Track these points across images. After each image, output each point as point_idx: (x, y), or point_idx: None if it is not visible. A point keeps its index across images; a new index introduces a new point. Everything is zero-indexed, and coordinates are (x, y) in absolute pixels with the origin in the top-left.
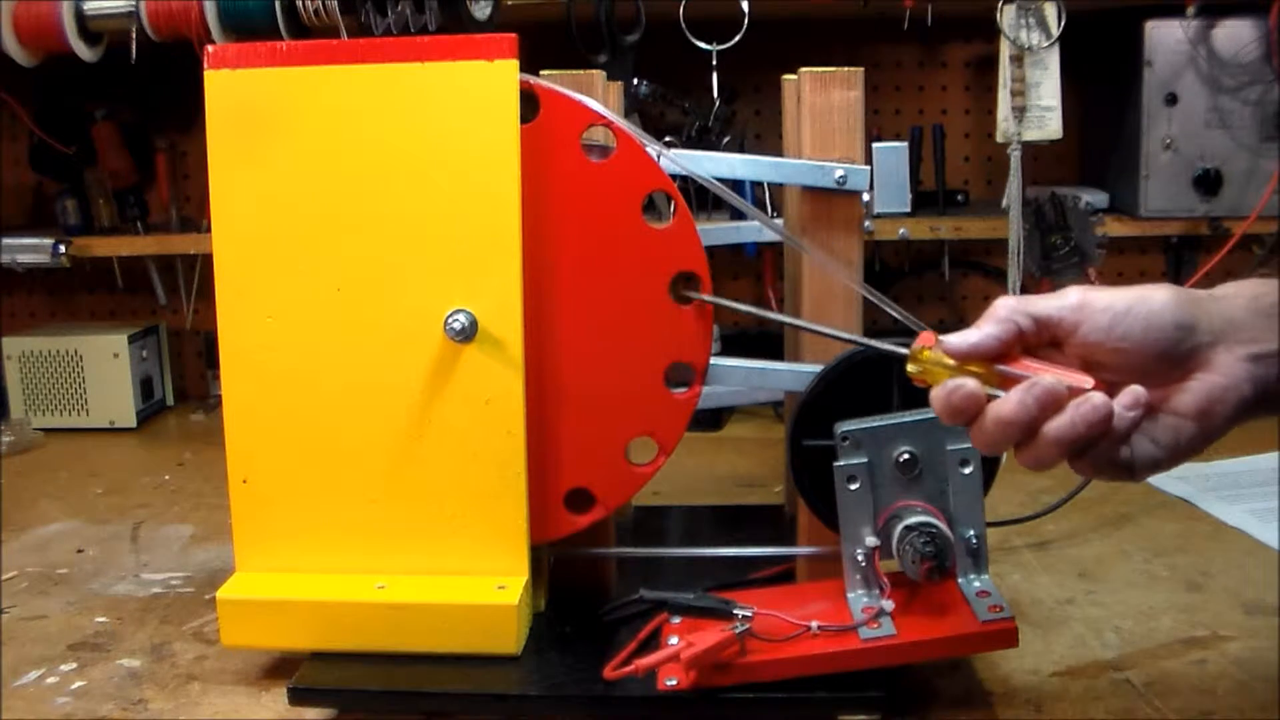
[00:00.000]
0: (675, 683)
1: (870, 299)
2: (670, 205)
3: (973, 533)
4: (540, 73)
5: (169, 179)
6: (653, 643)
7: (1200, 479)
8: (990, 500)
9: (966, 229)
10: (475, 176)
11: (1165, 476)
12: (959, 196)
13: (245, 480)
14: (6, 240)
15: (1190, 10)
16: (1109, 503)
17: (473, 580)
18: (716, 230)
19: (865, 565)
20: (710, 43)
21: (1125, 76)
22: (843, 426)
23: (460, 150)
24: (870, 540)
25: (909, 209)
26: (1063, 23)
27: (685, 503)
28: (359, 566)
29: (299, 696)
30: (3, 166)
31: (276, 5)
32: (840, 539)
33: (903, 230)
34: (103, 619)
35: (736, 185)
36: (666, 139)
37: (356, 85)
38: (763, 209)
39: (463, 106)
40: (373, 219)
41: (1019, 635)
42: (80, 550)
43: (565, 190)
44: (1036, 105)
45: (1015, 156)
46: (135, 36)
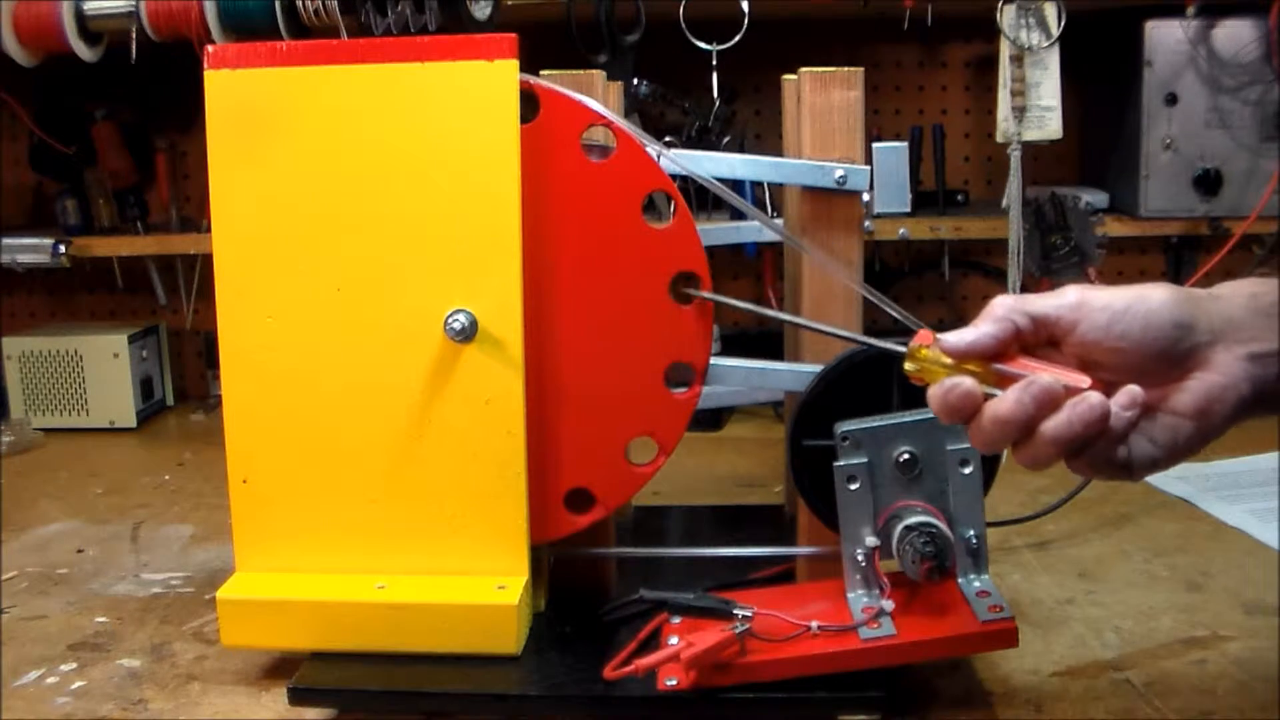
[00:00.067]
0: (675, 683)
1: (870, 299)
2: (670, 205)
3: (973, 533)
4: (540, 73)
5: (169, 179)
6: (653, 643)
7: (1200, 479)
8: (990, 500)
9: (966, 229)
10: (475, 177)
11: (1165, 476)
12: (959, 196)
13: (245, 480)
14: (6, 240)
15: (1190, 10)
16: (1109, 503)
17: (473, 580)
18: (716, 230)
19: (865, 565)
20: (710, 43)
21: (1125, 76)
22: (843, 426)
23: (460, 150)
24: (870, 540)
25: (909, 209)
26: (1063, 23)
27: (685, 503)
28: (359, 566)
29: (299, 696)
30: (3, 166)
31: (276, 5)
32: (840, 539)
33: (903, 230)
34: (103, 619)
35: (736, 185)
36: (666, 139)
37: (356, 85)
38: (763, 209)
39: (463, 107)
40: (373, 219)
41: (1019, 635)
42: (80, 550)
43: (565, 190)
44: (1036, 105)
45: (1015, 156)
46: (135, 36)
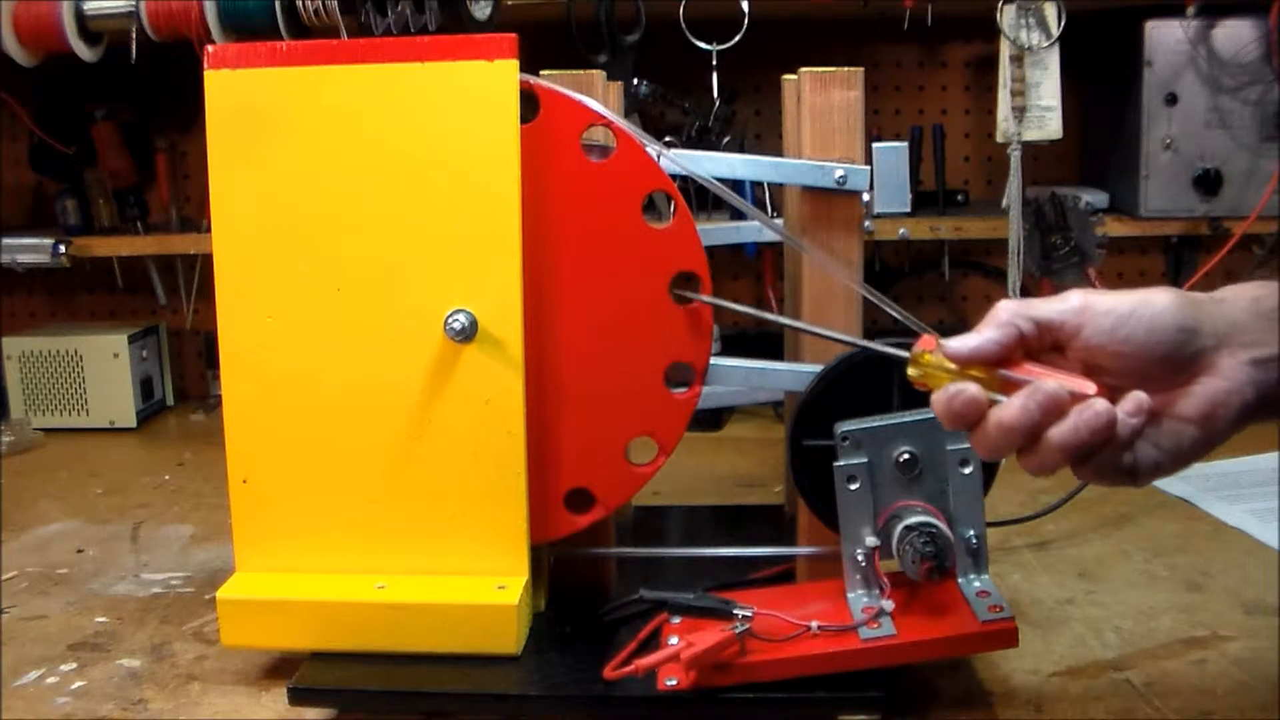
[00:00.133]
0: (675, 683)
1: (870, 299)
2: (670, 205)
3: (973, 533)
4: (540, 73)
5: (169, 179)
6: (653, 643)
7: (1200, 479)
8: (990, 500)
9: (966, 229)
10: (475, 177)
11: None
12: (959, 196)
13: (245, 480)
14: (6, 240)
15: (1190, 10)
16: (1109, 503)
17: (473, 580)
18: (716, 230)
19: (865, 565)
20: (710, 43)
21: (1125, 76)
22: (843, 426)
23: (460, 150)
24: (870, 540)
25: (909, 209)
26: (1063, 23)
27: (685, 503)
28: (359, 566)
29: (299, 696)
30: (3, 166)
31: (276, 5)
32: (840, 539)
33: (903, 230)
34: (103, 619)
35: (736, 185)
36: (666, 139)
37: (356, 85)
38: (763, 209)
39: (463, 107)
40: (372, 219)
41: (1019, 635)
42: (80, 550)
43: (565, 190)
44: (1036, 105)
45: (1015, 156)
46: (135, 36)
